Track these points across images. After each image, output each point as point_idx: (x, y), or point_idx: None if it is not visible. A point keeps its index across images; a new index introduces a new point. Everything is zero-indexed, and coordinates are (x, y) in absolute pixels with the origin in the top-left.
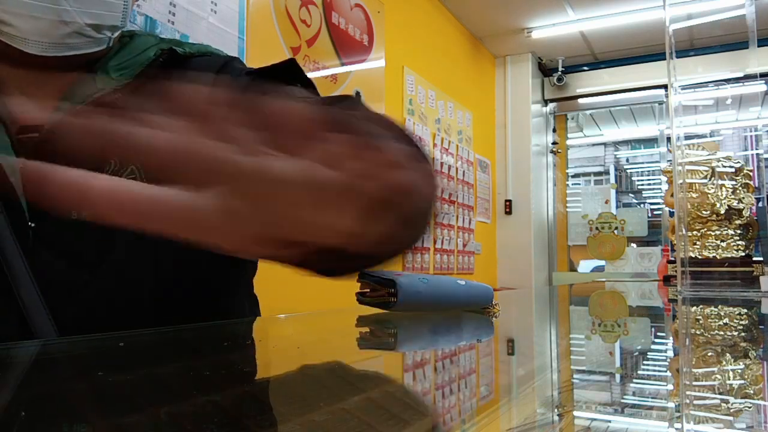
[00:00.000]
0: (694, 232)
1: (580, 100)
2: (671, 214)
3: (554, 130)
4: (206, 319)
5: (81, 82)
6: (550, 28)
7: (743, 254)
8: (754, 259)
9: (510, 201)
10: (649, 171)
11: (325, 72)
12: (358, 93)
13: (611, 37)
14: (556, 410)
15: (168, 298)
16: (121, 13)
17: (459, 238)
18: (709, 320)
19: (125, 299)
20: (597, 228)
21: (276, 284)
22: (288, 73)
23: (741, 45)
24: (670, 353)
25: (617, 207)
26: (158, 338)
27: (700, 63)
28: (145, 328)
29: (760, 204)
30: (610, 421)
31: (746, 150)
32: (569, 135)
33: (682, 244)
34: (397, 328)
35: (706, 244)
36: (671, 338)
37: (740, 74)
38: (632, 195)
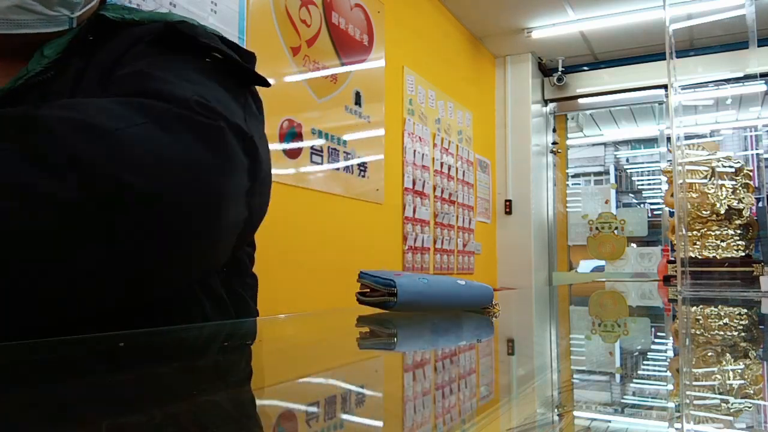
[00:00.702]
0: (694, 232)
1: (580, 100)
2: (671, 214)
3: (554, 130)
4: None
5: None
6: (550, 28)
7: (743, 254)
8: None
9: (510, 201)
10: (649, 171)
11: (325, 72)
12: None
13: (611, 37)
14: (556, 410)
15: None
16: None
17: (459, 238)
18: (709, 320)
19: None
20: (597, 228)
21: (276, 284)
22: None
23: (741, 45)
24: (670, 353)
25: (617, 207)
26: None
27: (700, 63)
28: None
29: (760, 204)
30: (610, 421)
31: (746, 150)
32: (569, 135)
33: (682, 244)
34: (397, 328)
35: (706, 244)
36: (671, 338)
37: (740, 74)
38: (632, 195)
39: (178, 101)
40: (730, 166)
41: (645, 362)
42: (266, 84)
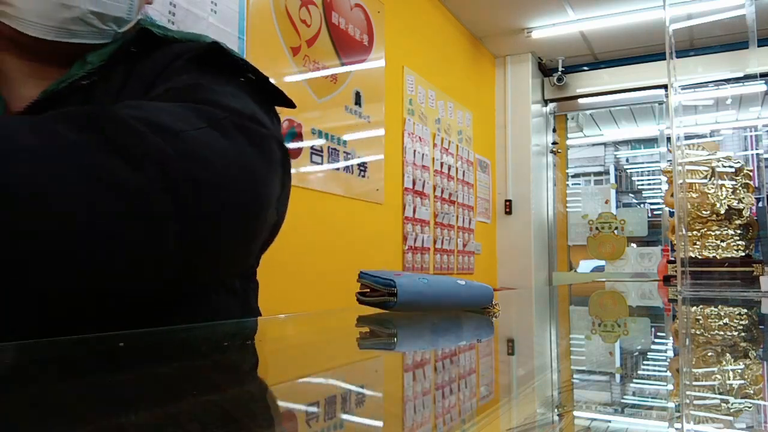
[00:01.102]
0: (694, 232)
1: (580, 100)
2: (671, 214)
3: (554, 130)
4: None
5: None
6: (550, 28)
7: (743, 254)
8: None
9: (510, 201)
10: (649, 171)
11: (325, 72)
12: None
13: (611, 37)
14: (556, 410)
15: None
16: (127, 5)
17: (459, 238)
18: (709, 320)
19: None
20: (597, 228)
21: (276, 284)
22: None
23: (741, 45)
24: (670, 353)
25: (617, 207)
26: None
27: (700, 63)
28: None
29: (760, 204)
30: (610, 421)
31: (746, 150)
32: (569, 135)
33: (682, 244)
34: (397, 328)
35: (706, 244)
36: (671, 338)
37: (740, 74)
38: (632, 195)
39: (231, 110)
40: (730, 166)
41: (645, 362)
42: (292, 105)
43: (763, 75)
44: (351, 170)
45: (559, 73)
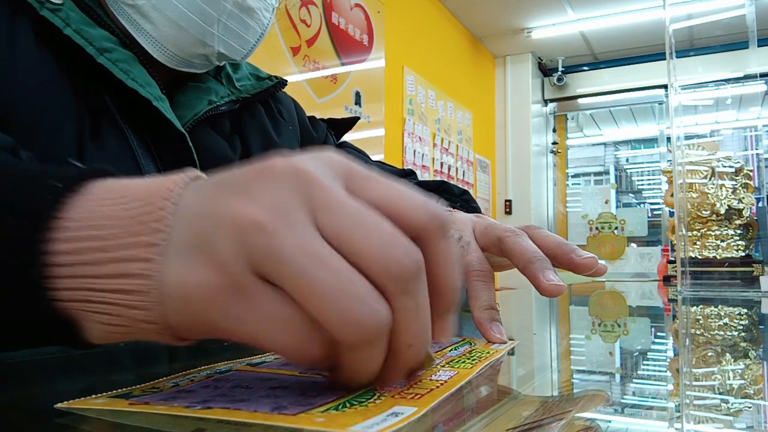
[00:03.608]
0: (694, 232)
1: (580, 100)
2: (671, 214)
3: (554, 130)
4: None
5: (207, 85)
6: (550, 28)
7: (743, 254)
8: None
9: (510, 201)
10: (649, 171)
11: (325, 72)
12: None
13: (611, 37)
14: (556, 410)
15: None
16: (247, 51)
17: None
18: (709, 320)
19: None
20: (597, 228)
21: None
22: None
23: (741, 45)
24: (670, 353)
25: (617, 207)
26: None
27: (700, 63)
28: None
29: (760, 204)
30: (610, 422)
31: (746, 150)
32: (569, 135)
33: (682, 244)
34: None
35: (706, 244)
36: (671, 338)
37: (740, 74)
38: (632, 195)
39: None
40: (730, 166)
41: (645, 362)
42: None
43: (763, 75)
44: None
45: (559, 73)
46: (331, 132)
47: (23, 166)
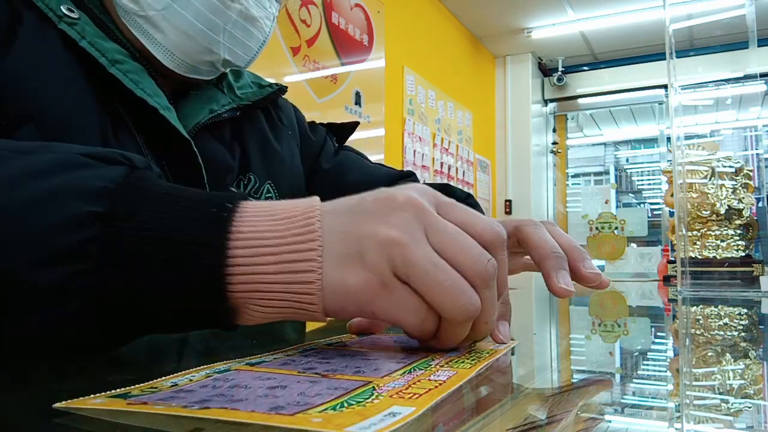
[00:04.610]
0: (694, 232)
1: (580, 100)
2: (671, 214)
3: (554, 130)
4: None
5: (209, 91)
6: (550, 28)
7: (743, 254)
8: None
9: (510, 201)
10: (649, 171)
11: (325, 72)
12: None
13: (611, 37)
14: (555, 410)
15: None
16: (250, 58)
17: None
18: (709, 320)
19: None
20: (597, 228)
21: None
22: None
23: (741, 45)
24: (670, 353)
25: (617, 207)
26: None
27: (700, 63)
28: None
29: (760, 204)
30: (610, 422)
31: (746, 150)
32: (569, 135)
33: (682, 244)
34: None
35: (706, 244)
36: (671, 338)
37: (740, 74)
38: (632, 195)
39: None
40: (730, 166)
41: (645, 362)
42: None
43: (763, 75)
44: None
45: (559, 73)
46: (332, 136)
47: (189, 190)
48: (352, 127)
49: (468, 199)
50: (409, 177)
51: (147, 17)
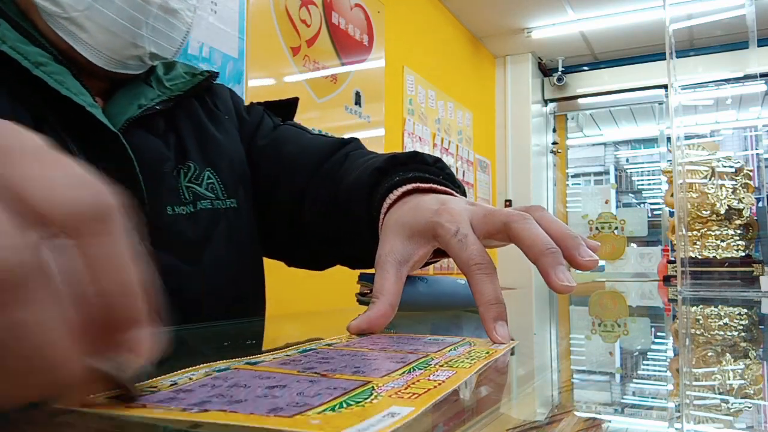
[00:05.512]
0: (694, 232)
1: (580, 100)
2: (671, 214)
3: (554, 130)
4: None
5: (138, 87)
6: (550, 28)
7: (743, 254)
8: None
9: (510, 201)
10: (649, 171)
11: (325, 72)
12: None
13: (611, 37)
14: (556, 410)
15: (249, 291)
16: (176, 49)
17: None
18: (709, 320)
19: (220, 292)
20: (597, 228)
21: (276, 284)
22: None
23: (741, 45)
24: (670, 353)
25: (617, 207)
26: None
27: (700, 63)
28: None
29: (760, 204)
30: (610, 421)
31: (746, 150)
32: (569, 135)
33: (682, 244)
34: (397, 328)
35: (706, 244)
36: (671, 338)
37: (740, 74)
38: (632, 195)
39: None
40: (730, 166)
41: (645, 362)
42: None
43: (763, 75)
44: None
45: (559, 73)
46: (270, 114)
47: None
48: (291, 103)
49: (437, 164)
50: (350, 143)
51: (71, 18)
